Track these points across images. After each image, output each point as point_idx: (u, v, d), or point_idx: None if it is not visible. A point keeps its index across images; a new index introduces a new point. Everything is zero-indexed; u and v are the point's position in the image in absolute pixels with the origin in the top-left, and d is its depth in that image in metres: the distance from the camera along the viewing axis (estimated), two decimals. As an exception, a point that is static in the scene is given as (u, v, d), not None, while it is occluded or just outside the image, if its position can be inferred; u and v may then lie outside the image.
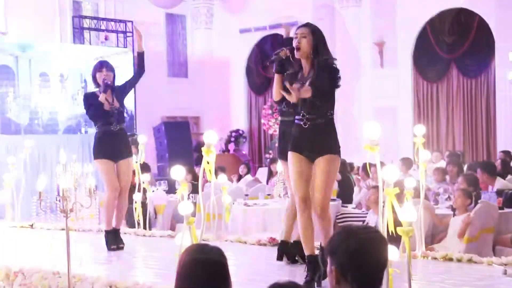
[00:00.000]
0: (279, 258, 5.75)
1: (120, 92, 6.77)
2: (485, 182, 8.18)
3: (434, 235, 7.29)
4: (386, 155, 13.90)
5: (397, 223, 4.40)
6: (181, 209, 4.48)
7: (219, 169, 10.65)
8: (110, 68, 6.66)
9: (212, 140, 4.64)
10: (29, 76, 13.66)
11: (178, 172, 4.53)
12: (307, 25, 4.96)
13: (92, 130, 6.93)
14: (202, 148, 4.63)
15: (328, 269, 2.62)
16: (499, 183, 8.14)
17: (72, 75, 14.06)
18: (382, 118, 15.20)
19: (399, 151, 13.86)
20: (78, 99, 14.37)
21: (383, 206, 3.91)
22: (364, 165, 9.60)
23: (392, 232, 3.88)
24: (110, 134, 6.52)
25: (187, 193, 4.54)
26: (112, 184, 6.51)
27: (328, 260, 2.63)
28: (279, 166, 7.73)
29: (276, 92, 4.84)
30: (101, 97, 6.48)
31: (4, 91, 13.38)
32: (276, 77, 4.85)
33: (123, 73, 14.91)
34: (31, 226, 8.19)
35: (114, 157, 6.54)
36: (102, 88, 6.50)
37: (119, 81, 6.88)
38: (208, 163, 4.61)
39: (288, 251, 5.77)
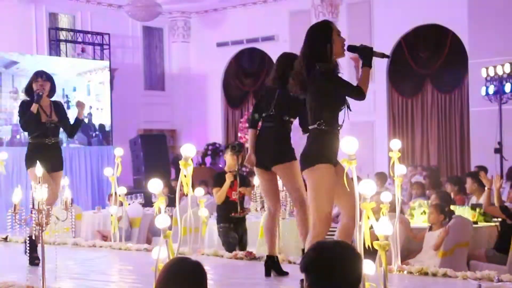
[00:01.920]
0: (267, 273, 5.72)
1: (62, 110, 6.67)
2: (474, 191, 8.27)
3: (410, 250, 7.34)
4: (362, 170, 14.04)
5: (373, 237, 4.42)
6: (158, 222, 4.46)
7: (202, 183, 10.64)
8: (47, 78, 6.53)
9: (189, 153, 4.64)
10: (11, 91, 13.56)
11: (155, 185, 4.52)
12: None
13: (74, 145, 6.89)
14: (180, 161, 4.63)
15: (304, 285, 2.63)
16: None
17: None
18: (358, 132, 15.27)
19: (374, 165, 13.96)
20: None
21: (360, 220, 3.93)
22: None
23: (368, 246, 3.90)
24: (44, 147, 6.43)
25: (164, 206, 4.53)
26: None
27: (303, 276, 2.64)
28: (256, 179, 7.73)
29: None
30: (33, 107, 6.36)
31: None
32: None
33: (99, 85, 15.01)
34: (5, 239, 8.12)
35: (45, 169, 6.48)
36: (35, 98, 6.38)
37: (94, 93, 6.88)
38: (185, 176, 4.60)
39: (275, 265, 5.75)
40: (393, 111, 15.28)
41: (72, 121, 6.71)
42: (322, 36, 4.73)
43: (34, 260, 6.16)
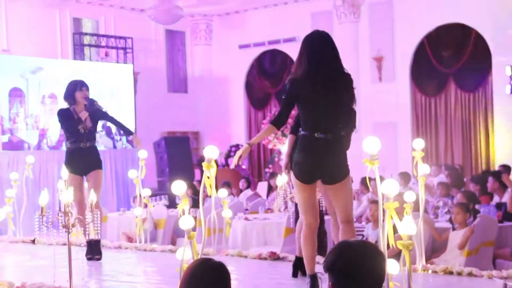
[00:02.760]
0: (294, 274, 5.71)
1: (96, 115, 7.00)
2: (496, 190, 8.21)
3: (434, 249, 7.32)
4: (386, 170, 14.00)
5: (397, 237, 4.44)
6: (182, 223, 4.52)
7: (225, 185, 10.71)
8: (88, 88, 6.98)
9: (213, 155, 4.69)
10: (38, 96, 13.74)
11: (179, 187, 4.57)
12: None
13: (99, 148, 7.16)
14: (203, 163, 4.68)
15: (327, 285, 2.65)
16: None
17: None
18: (381, 132, 15.27)
19: (398, 165, 13.92)
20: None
21: (383, 220, 3.94)
22: (364, 179, 9.65)
23: (392, 245, 3.91)
24: (79, 151, 6.80)
25: (188, 208, 4.58)
26: (75, 198, 6.59)
27: (327, 276, 2.66)
28: (279, 180, 7.76)
29: None
30: (83, 114, 6.79)
31: (15, 111, 13.47)
32: None
33: (122, 89, 15.13)
34: (33, 241, 8.23)
35: (82, 172, 6.83)
36: (87, 106, 6.82)
37: (118, 97, 7.14)
38: (208, 177, 4.65)
39: (303, 267, 5.71)
40: (416, 110, 15.21)
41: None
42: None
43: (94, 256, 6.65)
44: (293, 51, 16.39)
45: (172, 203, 9.88)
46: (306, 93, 4.65)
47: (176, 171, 14.13)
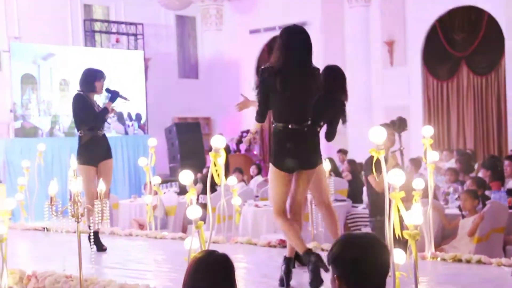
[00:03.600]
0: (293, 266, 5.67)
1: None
2: (509, 176, 8.16)
3: (444, 236, 7.31)
4: (397, 155, 13.95)
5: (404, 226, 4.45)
6: (189, 213, 4.54)
7: (236, 171, 10.72)
8: (105, 78, 6.99)
9: (219, 145, 4.69)
10: (50, 82, 13.79)
11: (186, 176, 4.58)
12: None
13: (110, 135, 7.14)
14: (210, 153, 4.68)
15: (330, 277, 2.65)
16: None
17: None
18: (392, 117, 15.16)
19: (409, 150, 13.84)
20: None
21: (389, 210, 3.94)
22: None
23: (398, 235, 3.91)
24: (96, 139, 6.78)
25: (195, 197, 4.59)
26: (88, 191, 6.68)
27: (330, 268, 2.67)
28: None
29: None
30: (109, 105, 6.84)
31: (27, 97, 13.52)
32: None
33: (133, 75, 15.14)
34: (45, 229, 8.29)
35: (95, 162, 6.77)
36: (112, 98, 6.91)
37: (129, 83, 7.12)
38: (215, 165, 4.66)
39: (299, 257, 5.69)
40: (428, 94, 15.13)
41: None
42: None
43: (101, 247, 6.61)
44: (304, 35, 16.33)
45: (182, 190, 9.90)
46: (281, 85, 4.73)
47: (188, 157, 14.16)
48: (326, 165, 6.55)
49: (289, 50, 4.74)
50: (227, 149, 16.33)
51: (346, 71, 5.77)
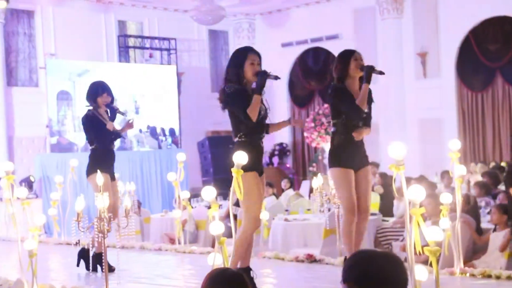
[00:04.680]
0: None
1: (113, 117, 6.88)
2: None
3: (475, 251, 7.19)
4: (431, 168, 13.82)
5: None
6: (212, 229, 4.56)
7: (267, 185, 10.72)
8: (110, 92, 6.76)
9: (242, 161, 4.71)
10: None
11: (208, 193, 4.61)
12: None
13: (144, 149, 7.07)
14: (232, 169, 4.71)
15: None
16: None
17: (122, 95, 14.26)
18: (426, 129, 15.07)
19: (443, 162, 13.69)
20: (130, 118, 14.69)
21: (410, 226, 3.91)
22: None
23: (419, 251, 3.87)
24: (109, 153, 6.70)
25: (217, 213, 4.62)
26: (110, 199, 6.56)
27: (341, 286, 2.64)
28: (315, 181, 7.74)
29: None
30: (109, 125, 6.65)
31: (63, 114, 13.76)
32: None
33: (167, 90, 15.30)
34: (77, 243, 8.40)
35: (109, 172, 6.60)
36: (111, 116, 6.73)
37: (162, 98, 7.04)
38: (238, 183, 4.69)
39: None
40: (462, 106, 14.95)
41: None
42: (236, 61, 5.22)
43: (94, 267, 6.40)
44: (336, 48, 16.29)
45: (213, 204, 9.93)
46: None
47: (220, 171, 14.23)
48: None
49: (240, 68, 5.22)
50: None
51: (378, 83, 5.89)
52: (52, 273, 6.75)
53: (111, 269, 6.37)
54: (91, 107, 6.72)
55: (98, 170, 5.40)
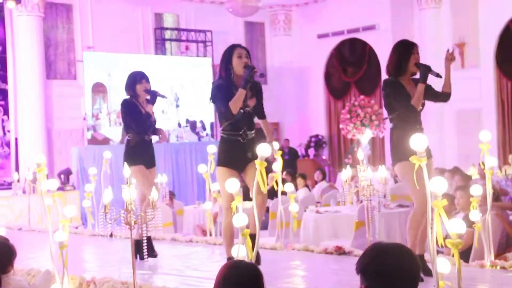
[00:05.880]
0: None
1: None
2: None
3: (509, 244, 7.08)
4: (470, 159, 13.60)
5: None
6: (235, 221, 4.57)
7: (299, 176, 10.73)
8: (148, 79, 6.73)
9: (265, 153, 4.71)
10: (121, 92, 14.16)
11: (231, 185, 4.62)
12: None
13: (181, 141, 7.00)
14: (255, 161, 4.71)
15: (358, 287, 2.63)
16: None
17: (160, 88, 14.33)
18: (465, 120, 14.85)
19: (481, 154, 13.46)
20: (168, 112, 14.78)
21: (432, 219, 3.86)
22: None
23: (441, 244, 3.82)
24: (143, 143, 6.63)
25: (241, 205, 4.63)
26: (150, 190, 6.57)
27: (359, 277, 2.64)
28: (344, 173, 7.70)
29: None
30: (149, 108, 6.64)
31: (97, 107, 13.91)
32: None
33: (202, 82, 15.36)
34: (110, 235, 8.51)
35: (147, 165, 6.62)
36: (151, 99, 6.64)
37: (199, 90, 7.03)
38: (261, 173, 4.70)
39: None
40: (501, 97, 14.70)
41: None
42: (224, 57, 5.42)
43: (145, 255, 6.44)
44: (373, 39, 16.20)
45: (245, 196, 9.95)
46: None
47: (255, 163, 14.20)
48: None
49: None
50: (295, 154, 16.32)
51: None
52: (84, 264, 6.86)
53: (153, 254, 6.53)
54: (128, 97, 6.70)
55: (126, 163, 5.46)
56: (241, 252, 4.63)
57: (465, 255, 6.39)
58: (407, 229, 5.45)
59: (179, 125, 14.92)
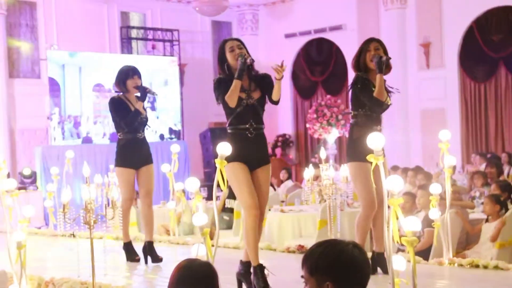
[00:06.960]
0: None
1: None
2: None
3: (468, 241, 7.18)
4: (434, 158, 13.74)
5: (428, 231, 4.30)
6: (195, 220, 4.56)
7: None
8: (140, 75, 6.51)
9: (225, 152, 4.70)
10: (83, 88, 14.10)
11: (191, 184, 4.61)
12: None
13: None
14: (216, 160, 4.70)
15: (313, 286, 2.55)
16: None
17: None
18: (429, 119, 15.00)
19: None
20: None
21: (388, 218, 3.89)
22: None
23: (397, 241, 3.86)
24: (135, 142, 6.44)
25: (201, 204, 4.62)
26: (126, 194, 6.49)
27: (314, 277, 2.53)
28: (306, 172, 7.72)
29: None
30: (139, 105, 6.42)
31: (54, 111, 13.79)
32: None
33: (170, 81, 15.31)
34: (73, 235, 8.43)
35: (135, 165, 6.45)
36: (141, 96, 6.42)
37: (165, 89, 6.87)
38: (221, 172, 4.69)
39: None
40: (465, 97, 14.86)
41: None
42: (219, 54, 5.32)
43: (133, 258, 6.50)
44: (339, 39, 16.28)
45: (210, 195, 9.93)
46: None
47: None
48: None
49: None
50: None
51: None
52: (43, 264, 6.77)
53: (158, 259, 6.42)
54: (117, 94, 6.53)
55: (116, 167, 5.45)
56: (200, 251, 4.62)
57: (426, 253, 6.47)
58: (355, 231, 5.49)
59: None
